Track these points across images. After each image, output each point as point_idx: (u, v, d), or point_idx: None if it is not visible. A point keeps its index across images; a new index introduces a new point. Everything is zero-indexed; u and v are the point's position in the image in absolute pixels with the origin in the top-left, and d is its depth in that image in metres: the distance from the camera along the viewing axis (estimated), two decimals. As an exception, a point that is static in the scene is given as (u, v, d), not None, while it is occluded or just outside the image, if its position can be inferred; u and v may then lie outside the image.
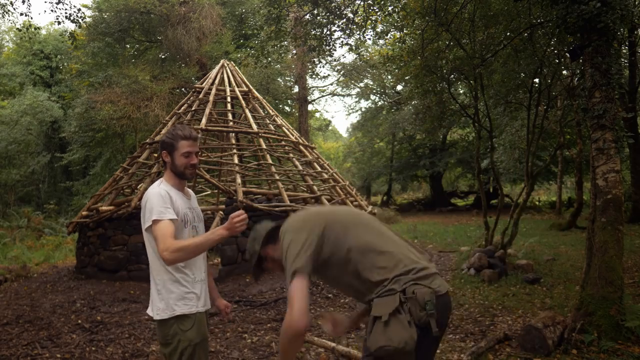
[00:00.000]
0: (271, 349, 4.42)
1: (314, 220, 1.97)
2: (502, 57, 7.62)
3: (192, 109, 10.33)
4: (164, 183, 2.33)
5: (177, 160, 2.32)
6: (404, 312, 1.78)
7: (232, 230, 2.13)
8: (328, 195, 9.56)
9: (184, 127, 2.37)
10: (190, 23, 19.07)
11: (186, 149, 2.31)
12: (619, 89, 4.39)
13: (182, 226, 2.27)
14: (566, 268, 7.56)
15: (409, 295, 1.80)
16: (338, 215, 2.05)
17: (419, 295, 1.78)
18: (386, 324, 1.77)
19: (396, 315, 1.78)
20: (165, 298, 2.22)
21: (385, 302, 1.82)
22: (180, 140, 2.31)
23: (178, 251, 2.08)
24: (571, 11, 4.22)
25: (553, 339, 3.86)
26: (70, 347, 4.71)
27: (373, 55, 23.50)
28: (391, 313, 1.77)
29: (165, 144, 2.34)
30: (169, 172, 2.36)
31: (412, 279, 1.84)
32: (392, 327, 1.76)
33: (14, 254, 11.77)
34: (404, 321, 1.76)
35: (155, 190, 2.25)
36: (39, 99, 21.45)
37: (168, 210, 2.19)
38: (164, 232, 2.12)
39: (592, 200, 4.39)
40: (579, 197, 14.03)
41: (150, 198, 2.22)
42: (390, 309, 1.78)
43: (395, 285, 1.84)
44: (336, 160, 37.01)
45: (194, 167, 2.36)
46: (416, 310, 1.77)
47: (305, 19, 8.49)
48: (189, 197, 2.44)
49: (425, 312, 1.77)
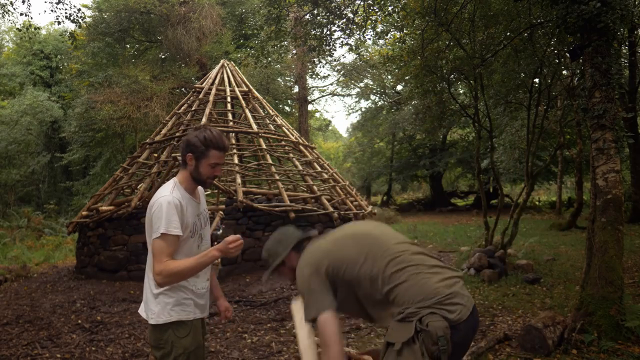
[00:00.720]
0: (271, 349, 4.42)
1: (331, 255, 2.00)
2: (502, 57, 7.61)
3: (192, 109, 10.33)
4: (177, 187, 2.20)
5: (202, 168, 2.19)
6: (418, 342, 1.73)
7: (226, 253, 2.09)
8: (328, 195, 9.56)
9: (218, 135, 2.20)
10: (190, 23, 19.06)
11: (215, 160, 2.19)
12: (619, 89, 4.39)
13: (189, 236, 2.20)
14: (566, 268, 7.56)
15: (422, 326, 1.74)
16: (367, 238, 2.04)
17: (432, 330, 1.72)
18: (399, 353, 1.74)
19: (410, 345, 1.73)
20: (163, 302, 2.14)
21: (401, 329, 1.78)
22: (212, 149, 2.17)
23: (170, 276, 2.06)
24: (571, 11, 4.22)
25: (553, 339, 3.86)
26: (70, 347, 4.71)
27: (373, 55, 23.49)
28: (405, 342, 1.73)
29: (194, 148, 2.17)
30: (187, 175, 2.22)
31: (431, 304, 1.77)
32: (404, 356, 1.73)
33: (14, 254, 11.77)
34: (417, 352, 1.72)
35: (168, 199, 2.11)
36: (39, 99, 21.44)
37: (178, 224, 2.11)
38: (163, 251, 2.06)
39: (592, 200, 4.39)
40: (579, 197, 14.03)
41: (162, 205, 2.10)
42: (405, 337, 1.74)
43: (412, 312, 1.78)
44: (336, 160, 37.00)
45: (215, 178, 2.28)
46: (429, 344, 1.72)
47: (305, 19, 8.49)
48: (199, 200, 2.32)
49: (437, 346, 1.71)
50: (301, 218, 8.41)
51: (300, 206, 8.52)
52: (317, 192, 9.16)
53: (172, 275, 2.06)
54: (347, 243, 2.03)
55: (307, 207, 8.57)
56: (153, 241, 2.09)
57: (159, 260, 2.05)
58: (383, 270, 1.87)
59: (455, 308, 1.79)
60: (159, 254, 2.06)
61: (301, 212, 8.40)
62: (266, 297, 6.55)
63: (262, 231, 8.23)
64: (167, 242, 2.07)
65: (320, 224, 8.68)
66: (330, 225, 8.78)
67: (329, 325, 1.84)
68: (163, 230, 2.06)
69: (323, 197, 9.05)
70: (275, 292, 6.81)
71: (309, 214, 8.48)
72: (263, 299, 6.41)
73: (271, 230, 8.27)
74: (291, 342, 4.57)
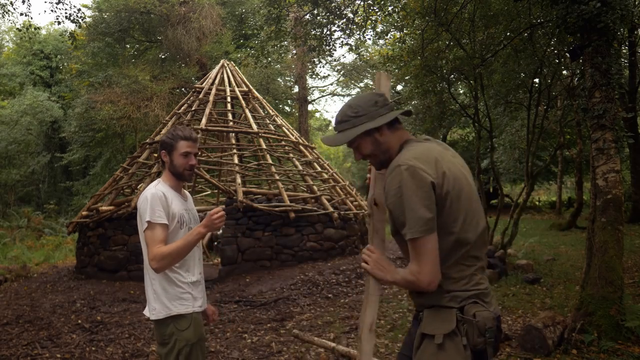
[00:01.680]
0: (271, 349, 4.42)
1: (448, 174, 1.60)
2: (502, 57, 7.62)
3: (192, 109, 10.33)
4: (161, 183, 2.33)
5: (175, 160, 2.32)
6: (461, 334, 1.58)
7: (211, 227, 2.17)
8: (328, 195, 9.56)
9: (184, 128, 2.38)
10: (190, 23, 19.07)
11: (185, 149, 2.31)
12: (619, 89, 4.39)
13: (178, 227, 2.28)
14: (566, 268, 7.56)
15: (467, 316, 1.59)
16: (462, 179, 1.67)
17: (481, 320, 1.57)
18: (440, 347, 1.58)
19: (452, 338, 1.58)
20: (161, 298, 2.23)
21: (439, 319, 1.62)
22: (179, 140, 2.31)
23: (163, 259, 2.13)
24: (571, 11, 4.22)
25: (553, 339, 3.86)
26: (70, 347, 4.71)
27: (373, 55, 23.49)
28: (446, 334, 1.58)
29: (164, 144, 2.35)
30: (167, 172, 2.37)
31: (472, 295, 1.62)
32: (446, 351, 1.57)
33: (14, 254, 11.78)
34: (460, 345, 1.57)
35: (151, 191, 2.25)
36: (39, 99, 21.45)
37: (162, 213, 2.21)
38: (153, 238, 2.17)
39: (592, 200, 4.39)
40: (579, 197, 14.04)
41: (146, 198, 2.23)
42: (446, 329, 1.59)
43: (452, 300, 1.62)
44: (336, 160, 36.99)
45: (192, 169, 2.37)
46: (474, 335, 1.57)
47: (305, 19, 8.49)
48: (186, 198, 2.44)
49: (484, 338, 1.57)
50: (301, 218, 8.41)
51: (300, 206, 8.52)
52: (317, 192, 9.17)
53: (165, 257, 2.13)
54: (464, 177, 1.68)
55: (307, 207, 8.57)
56: (144, 233, 2.20)
57: (151, 248, 2.16)
58: (474, 240, 1.64)
59: (492, 301, 1.68)
60: (150, 242, 2.17)
61: (301, 212, 8.40)
62: (266, 297, 6.55)
63: (262, 231, 8.23)
64: (155, 230, 2.18)
65: (320, 224, 8.69)
66: (331, 226, 8.79)
67: (433, 247, 1.55)
68: (148, 219, 2.18)
69: (323, 197, 9.05)
70: (275, 292, 6.81)
71: (309, 214, 8.48)
72: (263, 299, 6.41)
73: (271, 230, 8.28)
74: (291, 342, 4.57)
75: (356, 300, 6.17)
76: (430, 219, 1.54)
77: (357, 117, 1.68)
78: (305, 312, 5.77)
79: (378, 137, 1.70)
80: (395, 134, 1.72)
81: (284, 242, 8.34)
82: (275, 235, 8.29)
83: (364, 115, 1.67)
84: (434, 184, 1.56)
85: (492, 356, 1.62)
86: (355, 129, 1.68)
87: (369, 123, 1.66)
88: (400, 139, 1.72)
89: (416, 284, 1.58)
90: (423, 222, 1.53)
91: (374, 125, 1.66)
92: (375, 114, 1.67)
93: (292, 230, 8.42)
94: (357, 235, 9.50)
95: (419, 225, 1.53)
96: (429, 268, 1.55)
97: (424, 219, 1.53)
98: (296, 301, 6.27)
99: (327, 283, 7.07)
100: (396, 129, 1.73)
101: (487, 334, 1.57)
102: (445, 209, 1.58)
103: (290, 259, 8.31)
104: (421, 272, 1.55)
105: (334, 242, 8.79)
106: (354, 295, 6.51)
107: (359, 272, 7.62)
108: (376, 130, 1.69)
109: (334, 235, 8.80)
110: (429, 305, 1.66)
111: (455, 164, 1.69)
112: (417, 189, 1.54)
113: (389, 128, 1.71)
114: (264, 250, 8.18)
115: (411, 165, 1.56)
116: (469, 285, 1.64)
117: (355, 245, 9.33)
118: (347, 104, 1.73)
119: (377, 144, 1.71)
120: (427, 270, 1.55)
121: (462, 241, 1.62)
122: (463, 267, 1.64)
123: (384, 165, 1.76)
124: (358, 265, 8.03)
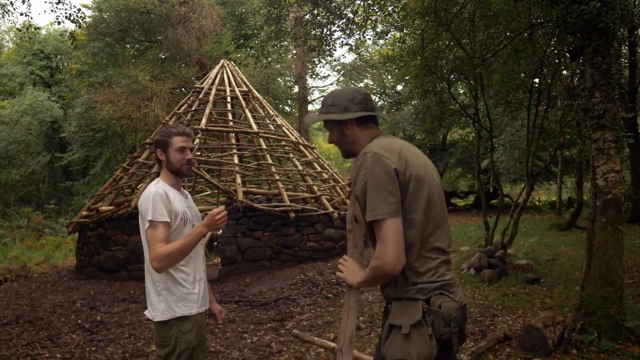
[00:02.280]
0: (271, 349, 4.42)
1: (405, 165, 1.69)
2: (502, 57, 7.61)
3: (192, 109, 10.34)
4: (161, 182, 2.31)
5: (171, 156, 2.31)
6: (427, 324, 1.65)
7: (212, 226, 2.16)
8: (328, 195, 9.56)
9: (176, 125, 2.38)
10: (190, 23, 19.07)
11: (180, 144, 2.30)
12: (619, 89, 4.39)
13: (182, 225, 2.26)
14: (566, 268, 7.56)
15: (433, 307, 1.66)
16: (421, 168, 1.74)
17: (446, 311, 1.64)
18: (407, 337, 1.64)
19: (418, 328, 1.64)
20: (166, 299, 2.19)
21: (406, 310, 1.68)
22: (173, 136, 2.31)
23: (164, 259, 2.11)
24: (571, 11, 4.22)
25: (553, 339, 3.86)
26: (70, 347, 4.71)
27: (373, 55, 23.50)
28: (413, 325, 1.65)
29: (158, 142, 2.34)
30: (165, 170, 2.35)
31: (438, 286, 1.69)
32: (412, 340, 1.64)
33: (14, 254, 11.78)
34: (425, 335, 1.64)
35: (152, 190, 2.22)
36: (39, 99, 21.45)
37: (164, 211, 2.18)
38: (155, 237, 2.14)
39: (592, 200, 4.39)
40: (579, 197, 14.03)
41: (148, 196, 2.20)
42: (412, 320, 1.65)
43: (418, 293, 1.68)
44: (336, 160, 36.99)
45: (190, 163, 2.35)
46: (439, 325, 1.64)
47: (305, 19, 8.49)
48: (186, 196, 2.43)
49: (449, 328, 1.64)
50: (301, 218, 8.41)
51: (300, 206, 8.53)
52: (317, 192, 9.17)
53: (166, 257, 2.11)
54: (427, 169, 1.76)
55: (307, 207, 8.57)
56: (145, 232, 2.18)
57: (152, 247, 2.13)
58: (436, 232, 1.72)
59: (457, 291, 1.74)
60: (152, 241, 2.14)
61: (301, 212, 8.40)
62: (266, 297, 6.55)
63: (262, 231, 8.23)
64: (157, 229, 2.15)
65: (320, 224, 8.69)
66: (331, 225, 8.78)
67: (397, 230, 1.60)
68: (150, 218, 2.15)
69: (323, 197, 9.05)
70: (275, 292, 6.81)
71: (309, 213, 8.48)
72: (263, 299, 6.41)
73: (271, 230, 8.28)
74: (291, 342, 4.57)
75: (356, 300, 6.16)
76: (393, 202, 1.62)
77: (331, 106, 1.84)
78: (305, 312, 5.77)
79: (344, 129, 1.85)
80: (365, 131, 1.84)
81: (284, 242, 8.34)
82: (275, 235, 8.29)
83: (337, 106, 1.82)
84: (397, 170, 1.65)
85: (457, 345, 1.69)
86: (325, 115, 1.84)
87: (336, 114, 1.82)
88: (370, 136, 1.84)
89: (381, 268, 1.62)
90: (386, 204, 1.61)
91: (339, 118, 1.81)
92: (345, 109, 1.81)
93: (292, 230, 8.42)
94: (357, 235, 9.49)
95: (382, 208, 1.61)
96: (392, 248, 1.59)
97: (387, 202, 1.61)
98: (296, 301, 6.27)
99: (327, 283, 7.07)
100: (368, 127, 1.85)
101: (452, 324, 1.64)
102: (407, 196, 1.67)
103: (290, 259, 8.31)
104: (386, 253, 1.60)
105: (334, 242, 8.79)
106: (354, 295, 6.50)
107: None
108: (343, 123, 1.84)
109: (334, 235, 8.80)
110: (397, 298, 1.72)
111: (419, 156, 1.80)
112: (381, 174, 1.63)
113: (358, 124, 1.84)
114: (264, 250, 8.18)
115: (376, 152, 1.67)
116: (435, 277, 1.70)
117: (355, 245, 9.33)
118: (332, 92, 1.89)
119: (343, 135, 1.86)
120: (391, 251, 1.59)
121: (424, 230, 1.69)
122: (428, 260, 1.70)
123: (348, 156, 1.90)
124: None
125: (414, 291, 1.68)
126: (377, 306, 5.74)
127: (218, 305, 2.57)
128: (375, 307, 5.71)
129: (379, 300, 6.07)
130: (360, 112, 1.81)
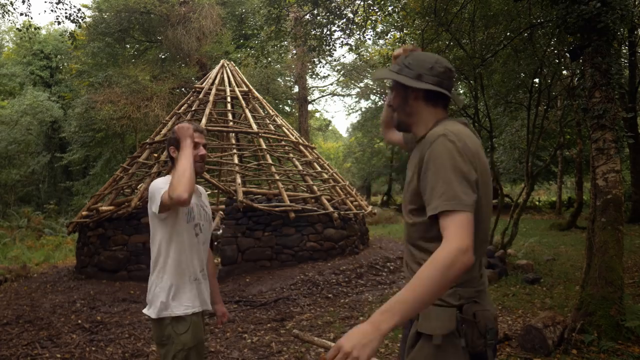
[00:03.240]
0: (271, 349, 4.42)
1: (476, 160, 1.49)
2: (502, 57, 7.62)
3: (192, 109, 10.33)
4: None
5: None
6: (461, 335, 1.45)
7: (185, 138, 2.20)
8: (328, 195, 9.56)
9: (189, 122, 2.38)
10: (190, 23, 19.07)
11: (194, 140, 2.27)
12: (619, 89, 4.39)
13: (184, 220, 2.23)
14: (566, 268, 7.56)
15: (467, 316, 1.46)
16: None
17: (482, 321, 1.46)
18: (439, 348, 1.43)
19: (452, 339, 1.44)
20: (163, 297, 2.19)
21: (438, 318, 1.46)
22: None
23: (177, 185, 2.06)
24: (571, 11, 4.22)
25: (553, 339, 3.86)
26: (70, 347, 4.71)
27: (373, 55, 23.48)
28: (445, 335, 1.44)
29: (173, 140, 2.30)
30: None
31: (474, 293, 1.50)
32: (446, 353, 1.44)
33: (14, 254, 11.77)
34: (459, 347, 1.44)
35: (160, 179, 2.24)
36: (39, 99, 21.46)
37: None
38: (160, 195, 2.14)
39: (592, 200, 4.39)
40: (579, 197, 14.04)
41: (157, 183, 2.21)
42: (446, 329, 1.44)
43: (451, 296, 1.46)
44: (336, 160, 36.99)
45: (203, 160, 2.31)
46: (473, 337, 1.45)
47: (305, 19, 8.49)
48: (199, 194, 2.40)
49: (484, 340, 1.46)
50: (301, 218, 8.41)
51: (300, 206, 8.52)
52: (317, 192, 9.17)
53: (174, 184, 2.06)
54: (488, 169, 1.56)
55: (307, 207, 8.57)
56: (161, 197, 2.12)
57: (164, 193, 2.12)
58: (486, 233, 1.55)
59: (489, 300, 1.57)
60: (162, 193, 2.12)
61: (301, 212, 8.40)
62: (266, 297, 6.55)
63: (262, 231, 8.23)
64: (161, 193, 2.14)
65: (320, 224, 8.69)
66: (331, 225, 8.78)
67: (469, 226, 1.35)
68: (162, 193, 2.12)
69: (323, 197, 9.05)
70: (275, 292, 6.81)
71: (309, 214, 8.48)
72: (263, 299, 6.41)
73: (271, 230, 8.28)
74: (291, 342, 4.57)
75: (356, 300, 6.17)
76: (474, 197, 1.40)
77: (406, 67, 1.60)
78: (305, 312, 5.77)
79: (409, 98, 1.62)
80: (431, 109, 1.61)
81: (284, 242, 8.34)
82: (275, 235, 8.29)
83: (412, 70, 1.59)
84: (475, 167, 1.45)
85: (493, 359, 1.51)
86: (394, 74, 1.61)
87: (406, 78, 1.58)
88: (435, 118, 1.61)
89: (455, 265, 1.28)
90: (467, 196, 1.38)
91: (406, 83, 1.57)
92: (419, 76, 1.57)
93: (292, 230, 8.42)
94: (357, 235, 9.50)
95: (464, 200, 1.37)
96: (470, 243, 1.32)
97: (468, 194, 1.38)
98: (296, 301, 6.27)
99: (327, 283, 7.07)
100: (436, 106, 1.62)
101: (488, 335, 1.46)
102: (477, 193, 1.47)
103: (290, 259, 8.31)
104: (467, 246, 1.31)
105: (334, 242, 8.79)
106: (354, 295, 6.51)
107: (359, 272, 7.63)
108: (410, 90, 1.61)
109: (334, 235, 8.80)
110: None
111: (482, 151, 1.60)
112: (464, 164, 1.42)
113: (426, 99, 1.60)
114: (264, 250, 8.18)
115: (459, 139, 1.45)
116: (474, 282, 1.52)
117: (355, 245, 9.33)
118: (416, 54, 1.66)
119: (405, 103, 1.64)
120: (470, 244, 1.31)
121: (480, 233, 1.49)
122: (476, 264, 1.52)
123: (401, 128, 1.71)
124: (358, 265, 8.03)
125: (447, 293, 1.47)
126: (377, 306, 5.74)
127: (223, 308, 2.56)
128: (376, 307, 5.71)
129: (379, 300, 6.07)
130: (433, 86, 1.56)
